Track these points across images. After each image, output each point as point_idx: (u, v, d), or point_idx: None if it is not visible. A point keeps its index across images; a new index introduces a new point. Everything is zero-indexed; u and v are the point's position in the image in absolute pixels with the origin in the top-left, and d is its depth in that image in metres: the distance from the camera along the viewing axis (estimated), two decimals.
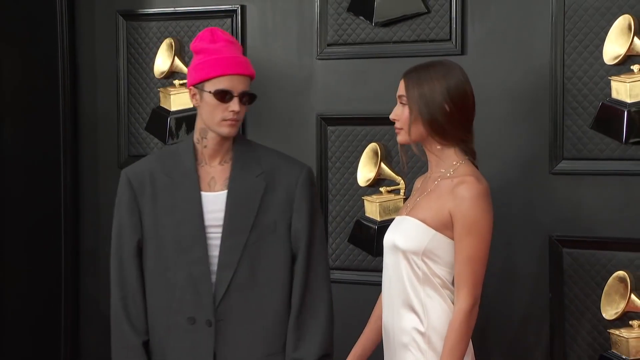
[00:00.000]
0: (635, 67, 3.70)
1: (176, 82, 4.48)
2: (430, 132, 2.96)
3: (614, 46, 3.72)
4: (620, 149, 3.75)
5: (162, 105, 4.53)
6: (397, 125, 3.05)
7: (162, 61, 4.49)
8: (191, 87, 3.17)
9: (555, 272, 3.84)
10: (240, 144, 3.26)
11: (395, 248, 2.97)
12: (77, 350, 4.70)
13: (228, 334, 3.11)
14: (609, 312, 3.73)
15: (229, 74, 3.10)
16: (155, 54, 4.51)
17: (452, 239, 2.94)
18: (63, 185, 4.61)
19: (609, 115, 3.74)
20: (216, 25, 4.33)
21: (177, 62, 4.46)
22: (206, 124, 3.16)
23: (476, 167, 3.07)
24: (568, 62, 3.82)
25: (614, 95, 3.74)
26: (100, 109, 4.65)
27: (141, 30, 4.54)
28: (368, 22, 4.13)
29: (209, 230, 3.13)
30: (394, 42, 4.09)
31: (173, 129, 4.49)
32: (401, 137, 3.02)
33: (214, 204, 3.14)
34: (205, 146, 3.19)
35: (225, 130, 3.13)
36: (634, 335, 3.68)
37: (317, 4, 4.20)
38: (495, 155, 3.93)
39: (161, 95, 4.52)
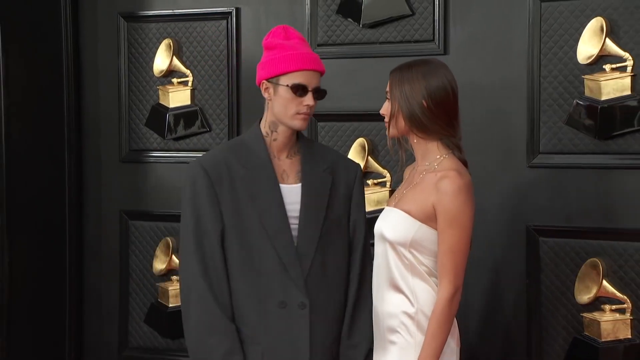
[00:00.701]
0: (607, 67, 3.71)
1: (174, 80, 4.49)
2: (410, 126, 2.98)
3: (587, 47, 3.74)
4: (593, 144, 3.77)
5: (161, 102, 4.53)
6: (386, 119, 3.06)
7: (161, 60, 4.49)
8: (263, 81, 3.10)
9: (532, 259, 3.86)
10: (302, 139, 3.23)
11: (383, 238, 2.99)
12: (80, 339, 4.71)
13: (311, 318, 3.09)
14: (583, 297, 3.76)
15: (305, 69, 3.05)
16: (154, 53, 4.51)
17: (437, 230, 2.95)
18: (67, 178, 4.60)
19: (583, 112, 3.77)
20: (212, 27, 4.41)
21: (175, 61, 4.48)
22: (277, 118, 3.11)
23: (464, 160, 3.07)
24: (544, 61, 3.84)
25: (587, 93, 3.76)
26: (102, 106, 4.64)
27: (141, 31, 4.54)
28: (356, 23, 4.14)
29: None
30: (381, 43, 4.10)
31: (171, 124, 4.50)
32: (388, 131, 3.05)
33: (289, 196, 3.10)
34: (275, 139, 3.13)
35: (298, 123, 3.09)
36: (605, 318, 3.71)
37: (307, 6, 4.21)
38: (476, 149, 3.88)
39: (160, 92, 4.53)
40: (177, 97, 4.50)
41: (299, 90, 3.05)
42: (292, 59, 3.04)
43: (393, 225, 2.97)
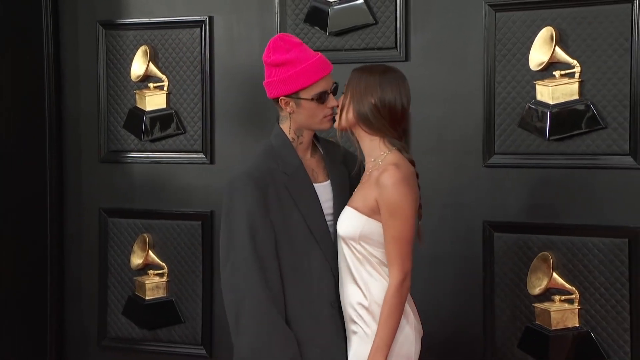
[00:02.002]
0: (557, 73, 3.75)
1: (151, 84, 4.49)
2: (357, 120, 2.94)
3: (538, 54, 3.76)
4: (543, 145, 3.80)
5: (138, 105, 4.53)
6: (337, 111, 3.01)
7: (138, 66, 4.50)
8: (282, 97, 2.99)
9: (488, 253, 3.89)
10: (319, 137, 3.18)
11: (338, 235, 2.99)
12: (61, 329, 4.70)
13: None
14: (534, 288, 3.79)
15: (323, 76, 2.98)
16: (131, 59, 4.51)
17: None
18: (49, 177, 4.59)
19: (535, 115, 3.79)
20: (186, 35, 4.41)
21: (152, 67, 4.47)
22: (304, 125, 3.03)
23: (411, 160, 2.99)
24: (499, 68, 3.87)
25: (539, 97, 3.79)
26: (82, 109, 4.64)
27: (119, 39, 4.54)
28: (323, 31, 4.16)
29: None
30: (346, 50, 4.11)
31: (148, 126, 4.49)
32: (338, 123, 2.99)
33: (323, 194, 3.05)
34: (301, 143, 3.06)
35: (327, 125, 3.03)
36: (555, 308, 3.74)
37: (277, 15, 4.22)
38: (435, 150, 3.96)
39: (137, 96, 4.53)
40: (154, 100, 4.50)
41: (322, 98, 2.99)
42: (307, 72, 2.96)
43: (344, 221, 2.96)
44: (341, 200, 3.04)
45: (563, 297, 3.76)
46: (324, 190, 3.06)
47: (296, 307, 2.98)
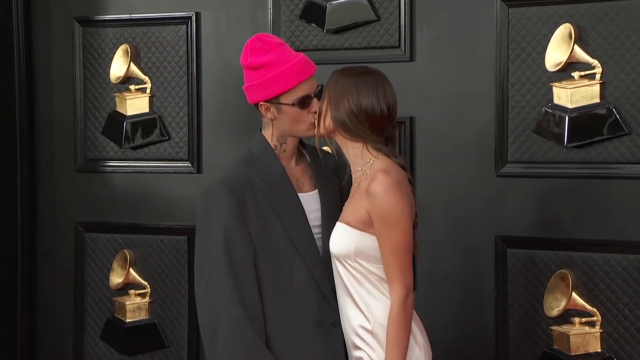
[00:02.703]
0: (575, 74, 3.75)
1: (132, 87, 4.49)
2: (335, 125, 2.96)
3: (555, 53, 3.77)
4: (561, 153, 3.81)
5: (118, 109, 4.53)
6: (315, 116, 3.02)
7: (118, 67, 4.50)
8: (262, 103, 3.01)
9: (501, 271, 3.89)
10: (302, 142, 3.17)
11: (332, 254, 2.99)
12: (33, 356, 4.69)
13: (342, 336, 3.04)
14: (552, 310, 3.79)
15: (304, 80, 2.99)
16: (111, 59, 4.52)
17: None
18: (20, 188, 4.59)
19: (552, 120, 3.80)
20: (171, 32, 4.42)
21: (133, 67, 4.48)
22: (287, 132, 3.04)
23: (402, 165, 2.99)
24: (512, 68, 3.87)
25: (556, 100, 3.79)
26: (56, 113, 4.64)
27: (97, 36, 4.54)
28: (320, 29, 4.17)
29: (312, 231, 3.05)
30: (345, 49, 4.12)
31: (129, 133, 4.50)
32: (317, 129, 3.01)
33: (309, 204, 3.04)
34: (284, 150, 3.07)
35: (311, 131, 3.03)
36: (575, 331, 3.74)
37: (270, 11, 4.23)
38: (443, 158, 3.99)
39: (117, 100, 4.53)
40: (135, 104, 4.50)
41: (304, 102, 3.00)
42: (287, 75, 2.98)
43: (336, 238, 2.97)
44: (330, 211, 3.05)
45: (583, 320, 3.76)
46: (310, 200, 3.06)
47: (278, 327, 2.97)
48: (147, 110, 4.51)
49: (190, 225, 4.33)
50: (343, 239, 2.95)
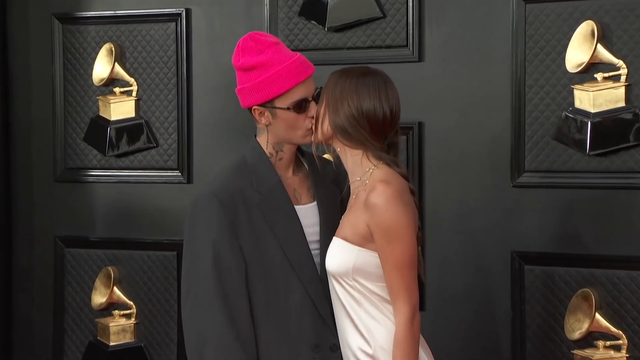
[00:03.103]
0: (599, 76, 3.76)
1: (116, 89, 4.50)
2: (334, 131, 2.94)
3: (576, 53, 3.79)
4: (583, 161, 3.81)
5: (101, 114, 4.53)
6: (312, 122, 3.02)
7: (102, 67, 4.50)
8: (255, 107, 3.01)
9: (517, 289, 3.90)
10: (301, 150, 3.17)
11: (328, 272, 2.97)
12: None
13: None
14: (573, 332, 3.79)
15: (301, 82, 2.99)
16: (94, 59, 4.52)
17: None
18: None
19: (573, 125, 3.80)
20: (159, 30, 4.44)
21: (118, 68, 4.48)
22: (283, 139, 3.03)
23: (404, 175, 2.98)
24: (530, 69, 3.87)
25: (577, 104, 3.80)
26: (34, 117, 4.65)
27: (79, 35, 4.55)
28: (321, 27, 4.17)
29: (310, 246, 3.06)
30: (348, 49, 4.13)
31: (113, 139, 4.50)
32: (315, 135, 3.01)
33: (306, 217, 3.04)
34: (280, 159, 3.06)
35: (309, 138, 3.01)
36: (599, 356, 3.74)
37: (266, 8, 4.25)
38: (454, 167, 3.99)
39: (100, 103, 4.53)
40: (120, 108, 4.50)
41: (301, 107, 2.98)
42: (282, 77, 2.96)
43: (333, 255, 2.95)
44: (330, 226, 3.03)
45: (608, 343, 3.75)
46: (307, 213, 3.06)
47: (271, 350, 2.96)
48: (132, 114, 4.51)
49: (180, 240, 4.27)
50: (340, 255, 2.93)
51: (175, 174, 4.42)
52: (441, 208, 3.99)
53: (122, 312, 4.52)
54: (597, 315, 3.74)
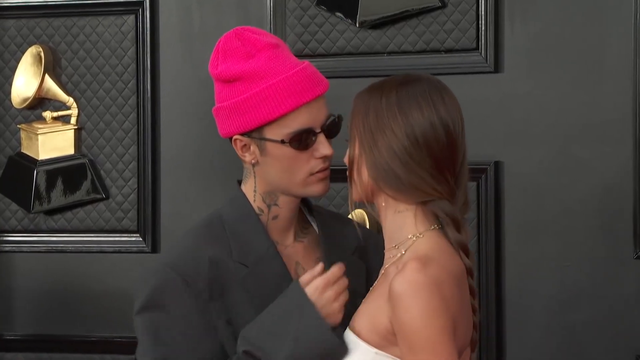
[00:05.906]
0: None
1: (47, 114, 4.53)
2: (375, 177, 2.88)
3: None
4: None
5: (24, 151, 4.60)
6: (348, 172, 2.99)
7: (25, 82, 4.54)
8: (238, 137, 2.98)
9: None
10: (310, 207, 3.19)
11: None
12: None
13: None
14: None
15: (305, 103, 2.95)
16: (13, 71, 4.57)
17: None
18: None
19: None
20: (112, 27, 4.50)
21: (50, 83, 4.52)
22: (277, 187, 3.02)
23: (463, 244, 2.95)
24: None
25: None
26: None
27: None
28: (349, 21, 4.21)
29: None
30: (390, 54, 4.18)
31: (42, 188, 4.55)
32: (350, 189, 2.97)
33: None
34: (275, 217, 3.04)
35: (317, 188, 2.99)
36: None
37: None
38: (548, 228, 4.04)
39: (23, 135, 4.60)
40: (52, 142, 4.55)
41: (302, 141, 2.94)
42: (277, 94, 2.93)
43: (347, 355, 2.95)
44: (349, 314, 2.97)
45: None
46: None
47: None
48: (71, 151, 4.56)
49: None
50: (349, 357, 2.90)
51: (133, 238, 4.50)
52: (528, 293, 4.06)
53: None
54: None
